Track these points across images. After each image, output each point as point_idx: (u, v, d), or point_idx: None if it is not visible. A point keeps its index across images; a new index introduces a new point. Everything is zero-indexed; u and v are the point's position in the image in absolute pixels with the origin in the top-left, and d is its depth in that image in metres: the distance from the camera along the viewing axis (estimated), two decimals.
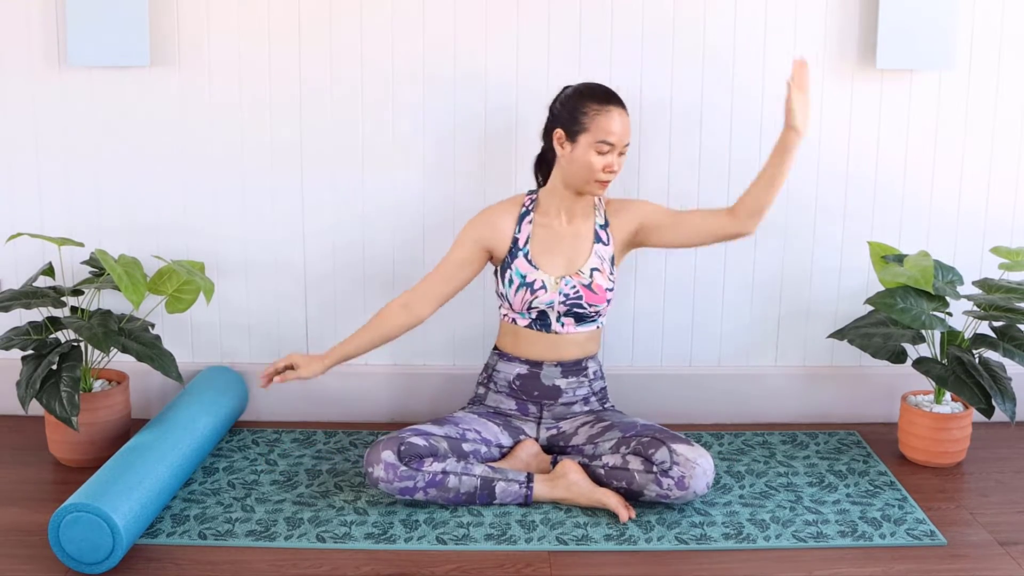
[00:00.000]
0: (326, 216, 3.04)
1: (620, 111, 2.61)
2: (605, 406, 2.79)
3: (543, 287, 2.66)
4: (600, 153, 2.60)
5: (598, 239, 2.70)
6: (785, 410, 3.14)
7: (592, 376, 2.77)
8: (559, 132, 2.64)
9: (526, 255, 2.68)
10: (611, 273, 2.70)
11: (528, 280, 2.67)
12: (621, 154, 2.63)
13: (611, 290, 2.71)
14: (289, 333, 3.12)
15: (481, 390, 2.81)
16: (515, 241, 2.70)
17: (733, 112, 2.99)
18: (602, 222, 2.72)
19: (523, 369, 2.73)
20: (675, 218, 2.71)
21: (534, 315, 2.69)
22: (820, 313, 3.13)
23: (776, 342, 3.15)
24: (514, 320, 2.72)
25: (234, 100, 2.98)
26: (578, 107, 2.61)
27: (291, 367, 2.65)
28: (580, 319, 2.69)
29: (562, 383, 2.72)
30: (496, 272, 2.74)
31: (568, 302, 2.67)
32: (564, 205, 2.70)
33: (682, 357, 3.14)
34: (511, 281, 2.69)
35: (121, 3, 2.84)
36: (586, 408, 2.76)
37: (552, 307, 2.67)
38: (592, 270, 2.68)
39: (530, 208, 2.73)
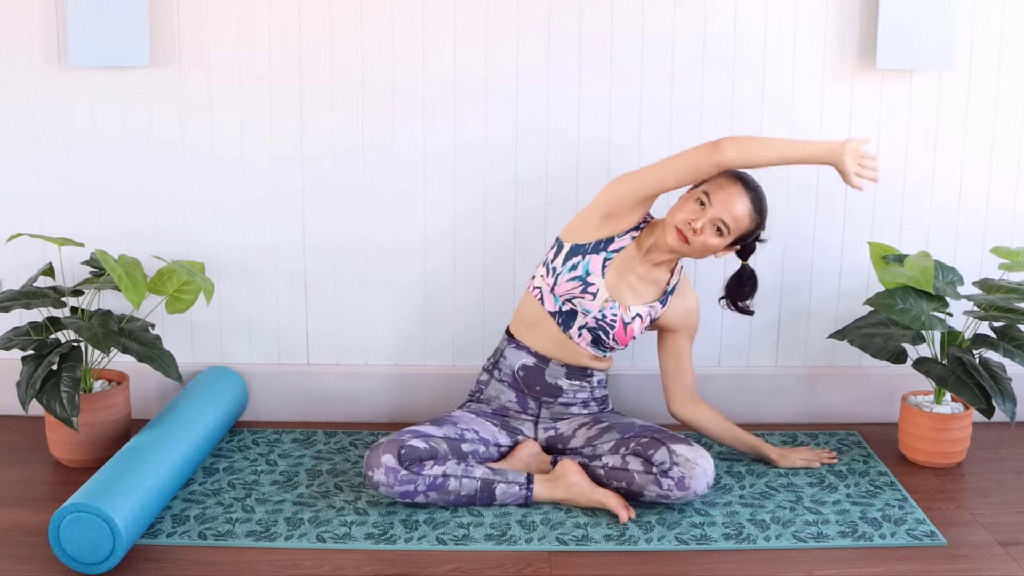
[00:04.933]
0: (326, 216, 3.04)
1: (743, 192, 2.56)
2: (603, 410, 2.79)
3: (594, 296, 2.64)
4: (696, 201, 2.57)
5: (662, 300, 2.71)
6: (785, 410, 3.14)
7: (596, 384, 2.76)
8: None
9: (606, 259, 2.65)
10: (644, 328, 2.71)
11: (588, 280, 2.64)
12: (718, 230, 2.56)
13: (635, 339, 2.72)
14: (289, 333, 3.12)
15: (484, 376, 2.79)
16: (610, 240, 2.66)
17: (733, 111, 2.99)
18: (671, 288, 2.71)
19: (530, 361, 2.72)
20: (677, 357, 2.79)
21: (565, 308, 2.67)
22: (820, 313, 3.13)
23: (776, 342, 3.15)
24: (542, 299, 2.69)
25: (234, 100, 2.98)
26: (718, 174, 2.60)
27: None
28: (597, 343, 2.69)
29: (564, 384, 2.72)
30: (560, 248, 2.68)
31: (599, 323, 2.65)
32: (653, 243, 2.65)
33: None
34: (574, 267, 2.64)
35: (121, 3, 2.84)
36: (584, 411, 2.76)
37: (585, 315, 2.66)
38: (637, 315, 2.67)
39: (640, 227, 2.69)
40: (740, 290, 2.73)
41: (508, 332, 2.78)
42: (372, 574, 2.28)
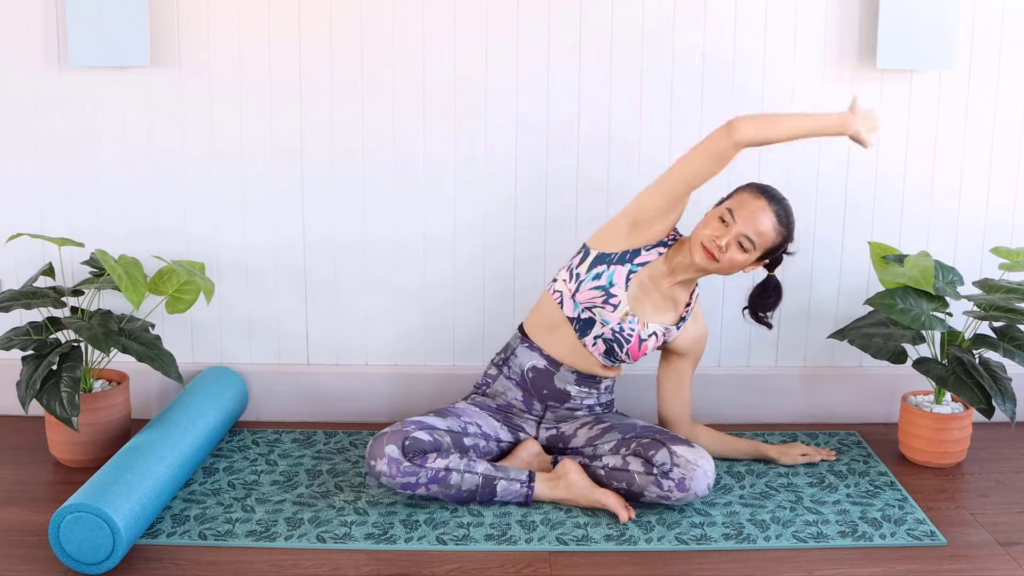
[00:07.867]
0: (327, 216, 3.04)
1: (766, 207, 2.56)
2: (607, 412, 2.79)
3: (614, 308, 2.63)
4: (719, 219, 2.57)
5: (678, 324, 2.70)
6: (785, 410, 3.14)
7: (603, 390, 2.76)
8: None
9: (631, 272, 2.63)
10: (655, 348, 2.71)
11: (611, 291, 2.62)
12: (742, 247, 2.55)
13: (644, 357, 2.72)
14: (289, 333, 3.12)
15: (493, 370, 2.78)
16: (636, 252, 2.65)
17: (733, 112, 2.98)
18: (688, 312, 2.71)
19: (541, 363, 2.71)
20: (679, 380, 2.80)
21: (583, 316, 2.65)
22: (820, 313, 3.13)
23: (776, 342, 3.15)
24: (562, 303, 2.67)
25: (234, 100, 2.98)
26: (739, 189, 2.63)
27: None
28: (609, 354, 2.68)
29: (573, 390, 2.72)
30: (586, 254, 2.66)
31: (616, 335, 2.64)
32: (680, 261, 2.64)
33: None
34: (598, 276, 2.63)
35: (121, 3, 2.84)
36: (590, 415, 2.76)
37: (604, 325, 2.64)
38: (653, 333, 2.66)
39: (668, 244, 2.68)
40: (763, 300, 2.71)
41: (522, 330, 2.75)
42: (372, 574, 2.28)
